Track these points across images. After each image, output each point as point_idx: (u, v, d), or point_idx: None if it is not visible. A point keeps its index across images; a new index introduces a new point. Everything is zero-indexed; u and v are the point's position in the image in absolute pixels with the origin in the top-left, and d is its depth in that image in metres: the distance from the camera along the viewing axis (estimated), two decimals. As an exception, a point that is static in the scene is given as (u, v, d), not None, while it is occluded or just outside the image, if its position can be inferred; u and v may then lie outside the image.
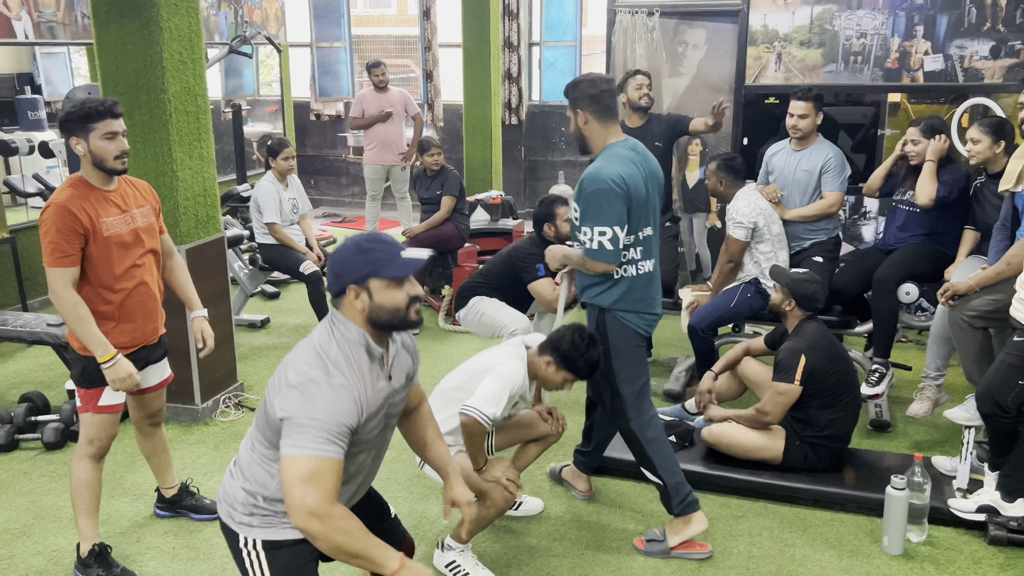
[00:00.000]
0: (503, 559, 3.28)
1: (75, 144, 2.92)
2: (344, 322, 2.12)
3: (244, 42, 7.14)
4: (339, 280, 2.10)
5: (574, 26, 9.81)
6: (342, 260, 2.11)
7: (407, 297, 2.10)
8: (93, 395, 3.07)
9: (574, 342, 3.04)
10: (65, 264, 2.89)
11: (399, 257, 2.09)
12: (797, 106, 4.46)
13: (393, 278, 2.08)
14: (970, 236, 4.23)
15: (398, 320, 2.12)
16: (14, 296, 5.96)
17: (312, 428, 1.98)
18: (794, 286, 3.66)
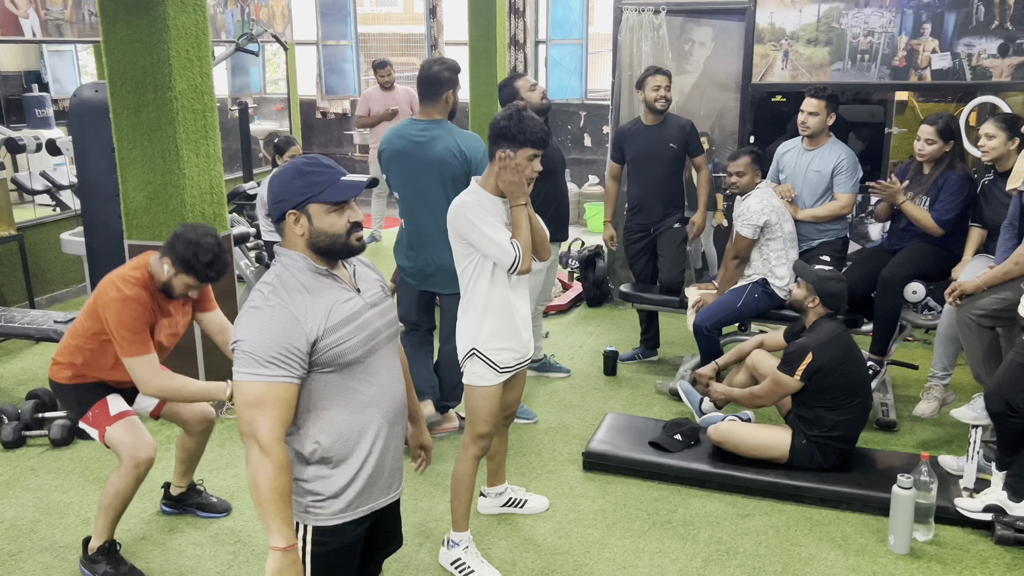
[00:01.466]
0: (508, 557, 3.28)
1: (164, 263, 3.02)
2: (286, 252, 2.07)
3: (251, 40, 7.15)
4: (279, 205, 2.05)
5: (580, 24, 9.80)
6: (281, 184, 2.05)
7: (347, 223, 2.05)
8: (101, 413, 3.10)
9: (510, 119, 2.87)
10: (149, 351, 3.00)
11: (339, 181, 2.04)
12: (809, 103, 4.44)
13: (333, 202, 2.03)
14: (976, 234, 4.21)
15: (339, 246, 2.06)
16: (22, 293, 5.98)
17: (253, 352, 1.94)
18: (820, 284, 3.65)
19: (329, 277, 2.08)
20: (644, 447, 3.91)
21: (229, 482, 3.82)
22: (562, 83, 9.95)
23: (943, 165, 4.18)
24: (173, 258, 2.99)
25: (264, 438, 1.95)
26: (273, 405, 1.95)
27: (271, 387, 1.95)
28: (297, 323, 1.98)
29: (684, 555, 3.29)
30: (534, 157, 2.93)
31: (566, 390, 4.81)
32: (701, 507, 3.62)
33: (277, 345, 1.95)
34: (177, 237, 2.99)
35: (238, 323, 2.01)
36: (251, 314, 1.99)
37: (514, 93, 4.35)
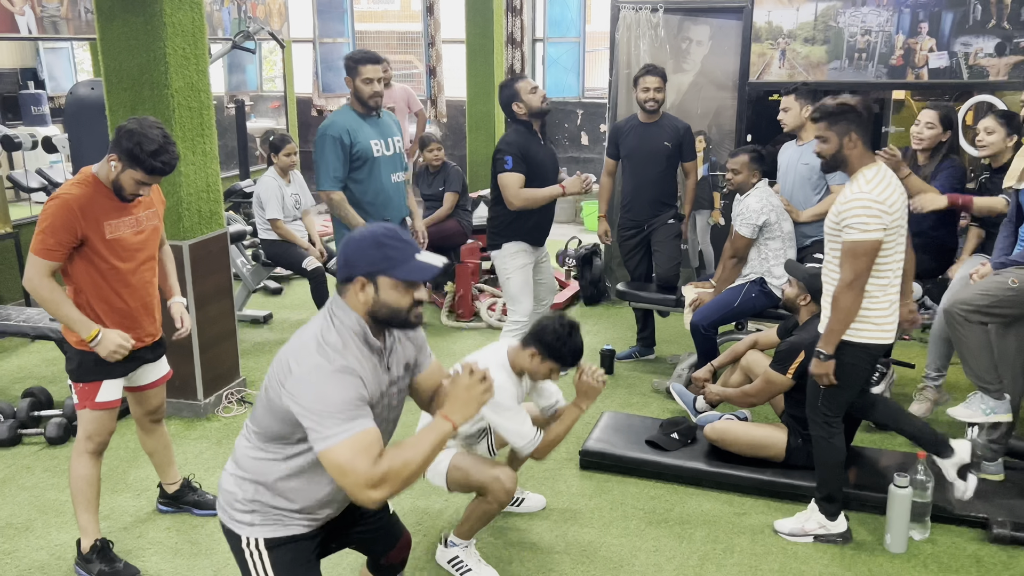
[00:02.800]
0: (505, 556, 3.28)
1: (111, 159, 2.92)
2: (345, 310, 2.10)
3: (247, 38, 7.14)
4: (349, 268, 2.08)
5: (578, 22, 9.80)
6: (357, 249, 2.08)
7: (412, 300, 2.09)
8: (90, 391, 3.08)
9: (556, 331, 2.99)
10: (48, 257, 2.89)
11: (414, 259, 2.07)
12: (782, 101, 4.52)
13: (403, 280, 2.07)
14: (975, 233, 4.22)
15: (398, 320, 2.11)
16: (17, 291, 5.97)
17: (332, 414, 1.98)
18: (811, 281, 3.65)
19: (376, 355, 2.14)
20: (641, 446, 3.92)
21: (225, 480, 3.82)
22: (559, 81, 9.95)
23: (940, 155, 4.18)
24: (118, 152, 2.87)
25: (372, 476, 1.97)
26: (365, 449, 1.99)
27: (360, 436, 1.99)
28: (363, 383, 2.05)
29: (680, 554, 3.29)
30: (560, 373, 3.06)
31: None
32: (698, 506, 3.62)
33: (355, 400, 2.02)
34: (121, 130, 2.88)
35: (304, 386, 2.01)
36: (318, 376, 2.01)
37: (514, 94, 4.33)
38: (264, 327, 5.97)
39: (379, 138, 4.30)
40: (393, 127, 4.46)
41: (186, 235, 4.25)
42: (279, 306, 6.43)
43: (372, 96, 4.24)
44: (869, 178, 3.01)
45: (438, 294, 6.33)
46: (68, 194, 2.90)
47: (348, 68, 4.26)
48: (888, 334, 3.12)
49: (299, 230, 5.75)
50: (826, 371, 3.13)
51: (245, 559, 2.22)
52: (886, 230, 2.96)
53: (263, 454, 2.18)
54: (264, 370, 5.12)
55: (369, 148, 4.25)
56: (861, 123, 3.04)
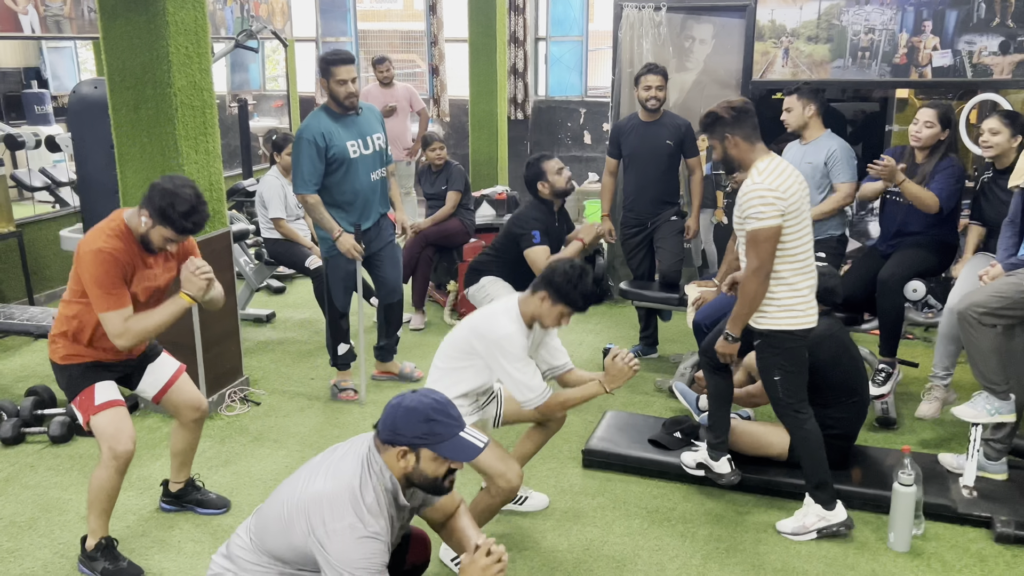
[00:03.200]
0: (507, 554, 3.27)
1: (142, 214, 2.96)
2: (383, 468, 2.21)
3: (250, 36, 7.14)
4: (394, 435, 2.17)
5: (580, 21, 9.79)
6: (406, 421, 2.16)
7: (448, 469, 2.19)
8: (87, 399, 3.08)
9: (567, 273, 2.98)
10: (121, 305, 2.96)
11: (459, 438, 2.17)
12: (784, 102, 4.51)
13: (447, 457, 2.17)
14: (976, 232, 4.21)
15: (431, 488, 2.23)
16: (21, 290, 5.98)
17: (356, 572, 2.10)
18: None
19: (398, 512, 2.27)
20: (644, 445, 3.91)
21: (228, 479, 3.82)
22: (562, 80, 9.94)
23: (938, 154, 4.17)
24: (150, 209, 2.92)
25: None
26: None
27: None
28: (387, 548, 2.19)
29: (683, 552, 3.29)
30: (570, 316, 3.04)
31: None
32: (700, 504, 3.61)
33: (378, 566, 2.15)
34: (154, 188, 2.92)
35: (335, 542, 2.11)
36: (353, 538, 2.12)
37: (540, 173, 4.40)
38: (267, 326, 5.97)
39: (356, 138, 4.32)
40: (374, 123, 4.46)
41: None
42: (282, 305, 6.43)
43: (347, 97, 4.25)
44: (761, 169, 3.16)
45: (441, 293, 6.33)
46: (107, 246, 2.94)
47: (322, 70, 4.28)
48: (812, 318, 3.24)
49: (302, 229, 5.75)
50: (731, 352, 3.32)
51: None
52: (783, 215, 3.09)
53: (260, 566, 2.28)
54: (267, 368, 5.12)
55: (345, 150, 4.27)
56: (736, 123, 3.23)
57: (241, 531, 2.37)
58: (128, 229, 3.00)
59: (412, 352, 5.33)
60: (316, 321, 5.91)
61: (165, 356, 3.36)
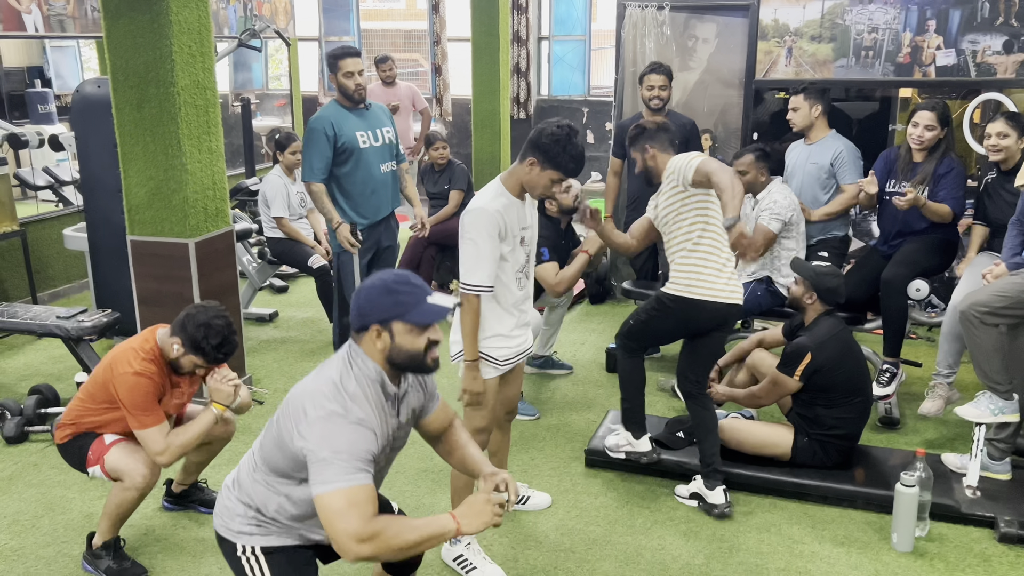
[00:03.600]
0: (510, 553, 3.28)
1: (173, 342, 3.00)
2: (363, 358, 2.15)
3: (253, 36, 7.14)
4: (363, 318, 2.13)
5: (583, 20, 9.79)
6: (368, 298, 2.13)
7: (427, 341, 2.14)
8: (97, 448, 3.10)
9: (555, 135, 2.82)
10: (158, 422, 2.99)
11: (425, 303, 2.12)
12: (791, 100, 4.50)
13: (417, 323, 2.11)
14: (980, 232, 4.20)
15: (415, 364, 2.16)
16: (24, 289, 5.98)
17: (338, 462, 2.01)
18: (817, 279, 3.64)
19: (388, 401, 2.18)
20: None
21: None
22: (565, 79, 9.94)
23: (938, 153, 4.16)
24: (183, 338, 2.98)
25: (363, 531, 1.99)
26: (362, 504, 2.01)
27: (357, 490, 2.02)
28: (375, 437, 2.10)
29: (686, 552, 3.29)
30: (557, 181, 2.91)
31: (568, 387, 4.81)
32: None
33: (365, 453, 2.06)
34: (188, 317, 2.98)
35: (316, 431, 2.04)
36: (333, 423, 2.04)
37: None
38: (270, 325, 5.98)
39: (366, 129, 4.42)
40: (383, 118, 4.57)
41: (192, 233, 4.25)
42: (285, 304, 6.43)
43: (356, 89, 4.37)
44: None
45: (444, 292, 6.33)
46: (145, 371, 2.97)
47: (330, 65, 4.42)
48: (723, 293, 3.38)
49: (305, 228, 5.76)
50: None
51: (241, 565, 2.25)
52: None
53: (266, 485, 2.23)
54: (270, 367, 5.12)
55: (354, 140, 4.36)
56: (653, 137, 3.49)
57: (247, 454, 2.34)
58: (161, 352, 3.04)
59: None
60: (319, 320, 5.91)
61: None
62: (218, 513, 2.30)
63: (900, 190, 4.24)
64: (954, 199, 4.12)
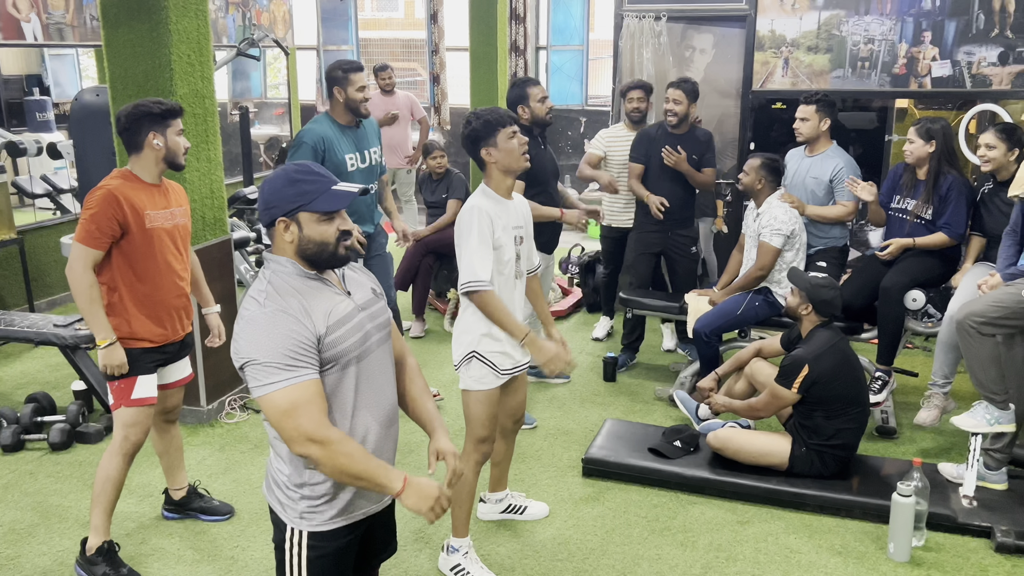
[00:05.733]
0: (507, 563, 3.28)
1: (152, 139, 3.05)
2: (275, 259, 2.08)
3: (252, 45, 7.16)
4: (269, 212, 2.05)
5: (581, 30, 9.82)
6: (272, 190, 2.05)
7: (337, 231, 2.05)
8: (125, 389, 3.12)
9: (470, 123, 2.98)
10: (92, 245, 2.99)
11: (330, 190, 2.04)
12: (800, 110, 4.52)
13: (323, 212, 2.03)
14: (976, 242, 4.22)
15: (327, 255, 2.06)
16: (21, 297, 5.98)
17: (268, 361, 1.93)
18: (812, 291, 3.64)
19: (318, 280, 2.08)
20: (644, 453, 3.91)
21: (228, 486, 3.82)
22: (563, 89, 9.97)
23: (935, 167, 4.18)
24: (152, 126, 3.03)
25: (316, 433, 1.93)
26: (308, 403, 1.94)
27: (299, 387, 1.94)
28: (300, 323, 1.97)
29: (683, 562, 3.29)
30: (514, 133, 2.98)
31: (566, 396, 4.81)
32: (700, 514, 3.61)
33: (290, 346, 1.94)
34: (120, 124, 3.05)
35: (239, 339, 1.98)
36: (252, 325, 1.97)
37: (523, 97, 4.38)
38: (267, 333, 5.96)
39: (355, 151, 4.22)
40: (371, 137, 4.38)
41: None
42: (282, 312, 6.42)
43: (362, 103, 4.19)
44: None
45: (441, 301, 6.33)
46: (111, 184, 3.02)
47: (338, 79, 4.16)
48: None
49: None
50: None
51: (284, 549, 2.17)
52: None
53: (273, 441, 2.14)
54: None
55: (342, 163, 4.15)
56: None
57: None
58: (130, 172, 3.09)
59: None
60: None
61: (188, 358, 3.42)
62: (269, 482, 2.21)
63: (905, 206, 4.27)
64: (955, 224, 4.13)
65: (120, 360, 3.07)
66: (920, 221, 4.24)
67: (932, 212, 4.19)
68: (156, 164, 3.10)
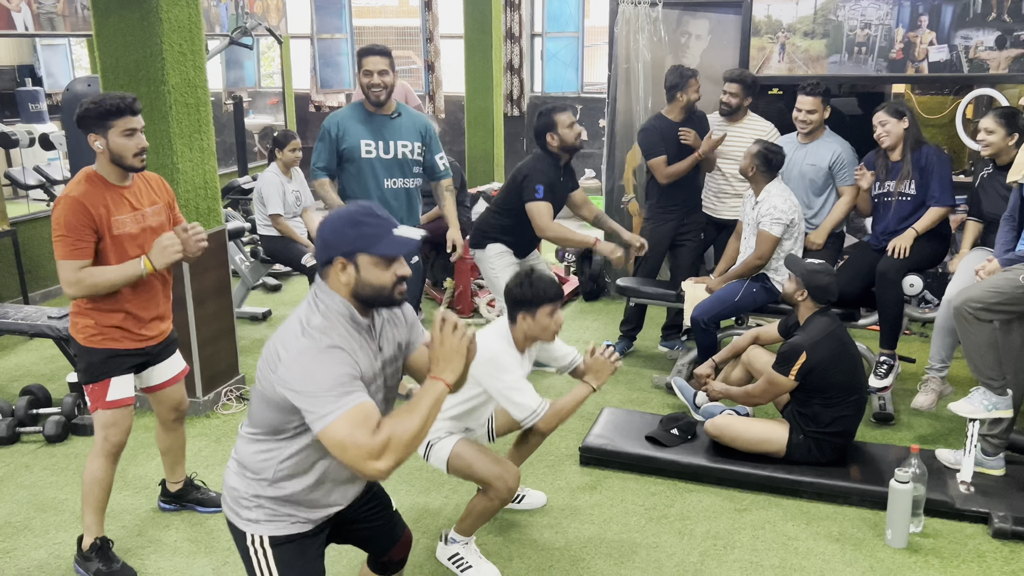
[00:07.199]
0: (505, 552, 3.27)
1: (93, 141, 2.91)
2: (328, 293, 2.07)
3: (245, 33, 7.12)
4: (327, 250, 2.05)
5: (576, 17, 9.77)
6: (333, 230, 2.05)
7: (394, 276, 2.06)
8: (100, 391, 3.06)
9: (520, 284, 3.03)
10: (78, 256, 2.88)
11: (391, 235, 2.04)
12: (805, 101, 4.45)
13: (383, 256, 2.04)
14: (973, 227, 4.21)
15: (382, 298, 2.07)
16: (15, 289, 5.96)
17: (324, 393, 1.94)
18: (808, 277, 3.64)
19: (363, 335, 2.11)
20: (641, 442, 3.91)
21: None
22: (558, 76, 9.93)
23: (910, 144, 4.19)
24: (91, 129, 2.88)
25: (374, 446, 1.92)
26: (363, 421, 1.95)
27: (355, 410, 1.95)
28: (352, 359, 2.02)
29: (681, 550, 3.29)
30: (554, 311, 3.03)
31: (562, 385, 4.80)
32: (698, 501, 3.61)
33: (345, 375, 1.97)
34: (77, 115, 2.90)
35: (291, 369, 1.98)
36: (306, 359, 1.98)
37: (551, 125, 4.32)
38: (263, 324, 5.96)
39: (377, 139, 4.15)
40: (408, 131, 4.25)
41: (184, 232, 4.23)
42: (278, 303, 6.42)
43: (369, 88, 4.12)
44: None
45: (438, 290, 6.32)
46: (73, 192, 2.89)
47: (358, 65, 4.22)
48: None
49: (299, 227, 5.73)
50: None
51: (250, 557, 2.21)
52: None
53: (262, 451, 2.16)
54: (263, 367, 5.10)
55: (356, 147, 4.14)
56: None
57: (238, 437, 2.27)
58: (95, 174, 2.95)
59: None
60: (312, 319, 5.89)
61: (178, 353, 3.35)
62: (225, 497, 2.25)
63: (887, 189, 4.27)
64: (944, 192, 4.16)
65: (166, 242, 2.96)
66: (905, 198, 4.24)
67: (915, 186, 4.19)
68: (109, 165, 2.95)
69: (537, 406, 3.01)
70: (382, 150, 4.18)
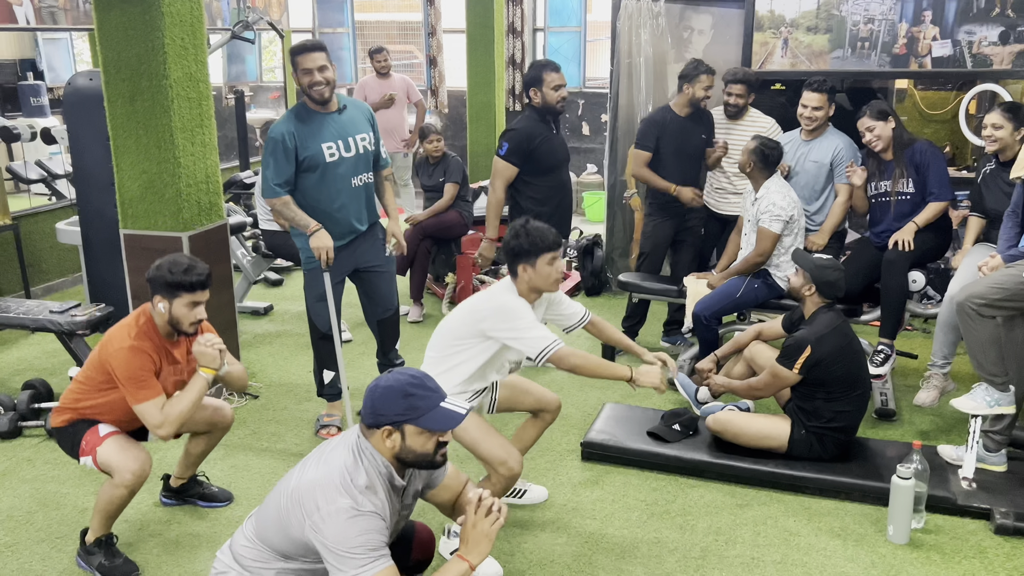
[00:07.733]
0: (506, 547, 3.28)
1: (157, 302, 3.00)
2: (373, 453, 2.20)
3: (246, 28, 7.10)
4: (376, 416, 2.17)
5: (579, 12, 9.76)
6: (384, 400, 2.16)
7: (436, 443, 2.18)
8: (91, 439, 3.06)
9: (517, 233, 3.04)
10: (155, 395, 2.98)
11: (439, 408, 2.16)
12: (811, 98, 4.43)
13: (429, 429, 2.16)
14: (976, 223, 4.21)
15: (424, 463, 2.22)
16: (17, 283, 5.96)
17: (355, 555, 2.09)
18: (817, 272, 3.63)
19: (397, 496, 2.27)
20: (643, 437, 3.91)
21: (226, 472, 3.82)
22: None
23: (901, 143, 4.18)
24: (157, 289, 2.99)
25: None
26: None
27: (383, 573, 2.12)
28: (386, 524, 2.19)
29: (682, 545, 3.29)
30: (554, 259, 3.03)
31: (564, 380, 4.80)
32: (700, 497, 3.61)
33: (376, 541, 2.14)
34: (151, 273, 3.00)
35: (330, 525, 2.11)
36: (348, 518, 2.11)
37: (538, 80, 4.37)
38: (264, 318, 5.96)
39: (335, 139, 3.80)
40: (360, 122, 3.92)
41: (185, 227, 4.23)
42: (279, 297, 6.42)
43: (312, 87, 3.72)
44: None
45: (439, 285, 6.32)
46: (139, 345, 2.98)
47: (292, 64, 3.80)
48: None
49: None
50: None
51: None
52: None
53: (262, 561, 2.28)
54: (265, 361, 5.11)
55: (319, 154, 3.76)
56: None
57: (243, 528, 2.37)
58: (154, 325, 3.05)
59: (410, 345, 5.31)
60: (314, 314, 5.89)
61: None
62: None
63: (883, 189, 4.27)
64: (943, 187, 4.16)
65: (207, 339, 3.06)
66: (903, 197, 4.23)
67: (912, 183, 4.18)
68: (166, 325, 3.05)
69: (552, 339, 2.98)
70: (343, 149, 3.84)
